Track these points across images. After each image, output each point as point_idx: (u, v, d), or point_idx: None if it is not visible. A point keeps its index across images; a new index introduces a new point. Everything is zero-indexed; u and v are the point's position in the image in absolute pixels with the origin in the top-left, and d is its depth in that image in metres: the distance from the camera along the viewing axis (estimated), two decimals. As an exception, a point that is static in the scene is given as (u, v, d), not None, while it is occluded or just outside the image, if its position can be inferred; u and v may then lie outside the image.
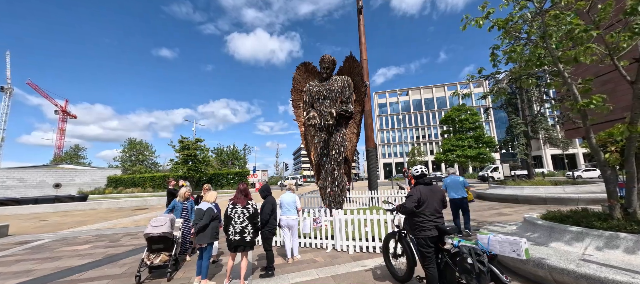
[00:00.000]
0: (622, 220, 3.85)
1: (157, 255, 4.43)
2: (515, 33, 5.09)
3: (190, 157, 22.25)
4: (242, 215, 4.03)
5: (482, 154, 18.97)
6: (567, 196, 10.08)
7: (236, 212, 4.05)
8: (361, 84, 9.00)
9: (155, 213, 13.82)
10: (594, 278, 2.92)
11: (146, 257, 4.42)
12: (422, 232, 3.19)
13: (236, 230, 3.97)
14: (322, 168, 9.00)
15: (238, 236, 3.95)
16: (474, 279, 2.60)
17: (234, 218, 4.02)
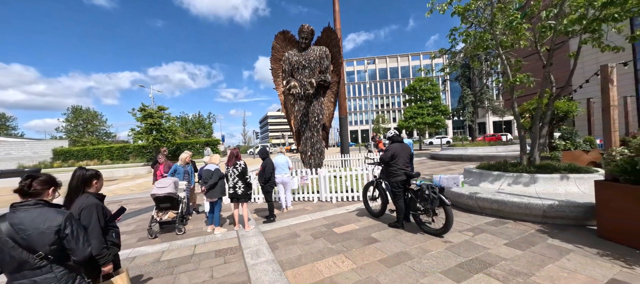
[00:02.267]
0: (526, 166, 5.47)
1: (165, 213, 4.99)
2: (471, 20, 6.14)
3: (154, 126, 21.05)
4: (234, 173, 4.81)
5: (438, 121, 21.56)
6: (498, 154, 12.55)
7: (229, 171, 4.83)
8: (338, 55, 9.61)
9: (129, 183, 13.56)
10: (501, 201, 4.41)
11: (155, 214, 4.96)
12: (395, 177, 4.32)
13: (230, 186, 4.82)
14: (302, 134, 9.80)
15: (232, 190, 4.80)
16: (429, 203, 3.82)
17: (228, 176, 4.84)
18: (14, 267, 1.55)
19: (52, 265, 1.62)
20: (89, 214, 2.03)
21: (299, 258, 3.57)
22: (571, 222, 3.95)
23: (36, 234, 1.57)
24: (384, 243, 3.81)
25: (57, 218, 1.63)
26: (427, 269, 3.00)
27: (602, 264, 2.81)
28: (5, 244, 1.52)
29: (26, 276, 1.56)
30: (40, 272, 1.58)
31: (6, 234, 1.52)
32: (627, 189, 3.17)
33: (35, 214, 1.61)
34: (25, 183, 1.68)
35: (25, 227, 1.56)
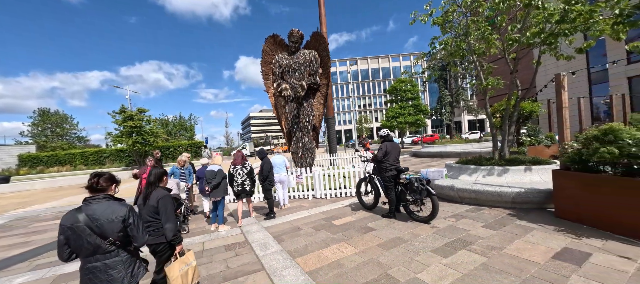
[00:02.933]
0: (498, 160, 6.20)
1: None
2: (448, 30, 6.81)
3: (135, 128, 20.32)
4: (242, 172, 5.27)
5: (419, 120, 22.74)
6: (474, 150, 13.60)
7: (237, 170, 5.26)
8: (327, 59, 10.04)
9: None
10: (478, 191, 5.05)
11: None
12: (387, 173, 4.81)
13: (238, 183, 5.24)
14: (294, 135, 10.13)
15: (240, 187, 5.24)
16: (418, 194, 4.34)
17: (236, 175, 5.25)
18: (90, 251, 1.84)
19: (119, 250, 1.92)
20: (165, 203, 2.46)
21: (305, 247, 3.94)
22: (535, 206, 4.64)
23: (107, 223, 1.86)
24: (379, 231, 4.27)
25: (122, 209, 1.93)
26: (419, 249, 3.49)
27: (557, 237, 3.45)
28: (84, 232, 1.81)
29: (98, 259, 1.86)
30: (109, 256, 1.88)
31: (84, 223, 1.82)
32: (576, 176, 3.86)
33: (105, 206, 1.90)
34: (93, 181, 1.96)
35: (98, 217, 1.85)
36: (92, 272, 1.84)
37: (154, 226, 2.48)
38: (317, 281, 2.94)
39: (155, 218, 2.47)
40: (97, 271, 1.84)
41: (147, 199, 2.50)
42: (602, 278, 2.52)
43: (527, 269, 2.78)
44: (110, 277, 1.86)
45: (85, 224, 1.80)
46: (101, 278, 1.84)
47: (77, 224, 1.81)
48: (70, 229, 1.81)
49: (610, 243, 3.18)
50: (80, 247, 1.83)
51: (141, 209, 2.55)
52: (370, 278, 2.90)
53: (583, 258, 2.90)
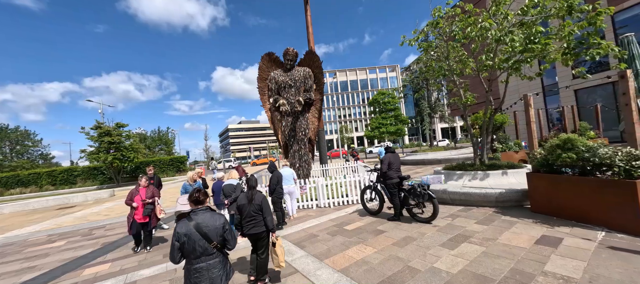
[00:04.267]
0: (479, 165, 7.13)
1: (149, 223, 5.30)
2: (431, 52, 7.80)
3: (114, 144, 19.36)
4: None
5: (400, 130, 24.17)
6: (452, 157, 14.89)
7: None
8: (320, 76, 10.71)
9: (97, 208, 12.45)
10: (467, 193, 5.85)
11: None
12: (391, 180, 5.44)
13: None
14: (290, 147, 10.54)
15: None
16: (420, 197, 5.01)
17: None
18: (198, 254, 2.24)
19: (218, 252, 2.30)
20: (266, 202, 3.39)
21: (328, 250, 4.38)
22: (514, 204, 5.51)
23: (212, 230, 2.28)
24: (390, 232, 4.84)
25: (221, 218, 2.35)
26: (429, 245, 4.10)
27: (536, 228, 4.25)
28: (195, 237, 2.22)
29: (203, 260, 2.26)
30: (211, 257, 2.29)
31: (195, 229, 2.21)
32: (545, 177, 4.76)
33: (208, 216, 2.34)
34: (197, 195, 2.37)
35: (206, 224, 2.27)
36: (198, 271, 2.22)
37: (257, 220, 3.33)
38: (350, 277, 3.41)
39: (258, 213, 3.32)
40: (202, 270, 2.22)
41: (253, 200, 3.36)
42: (572, 256, 3.28)
43: (518, 253, 3.48)
44: (212, 275, 2.25)
45: (196, 230, 2.21)
46: (205, 276, 2.22)
47: (190, 231, 2.21)
48: (185, 235, 2.20)
49: (576, 229, 4.03)
50: (192, 250, 2.21)
51: (245, 208, 3.35)
52: (396, 270, 3.43)
53: (557, 242, 3.68)
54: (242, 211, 3.42)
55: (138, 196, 5.13)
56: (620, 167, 3.64)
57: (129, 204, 5.04)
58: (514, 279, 2.92)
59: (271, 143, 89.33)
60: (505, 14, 5.62)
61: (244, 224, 3.40)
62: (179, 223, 2.26)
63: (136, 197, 5.09)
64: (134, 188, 5.18)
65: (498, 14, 5.80)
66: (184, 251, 2.21)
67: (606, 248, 3.38)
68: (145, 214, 5.03)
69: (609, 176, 3.87)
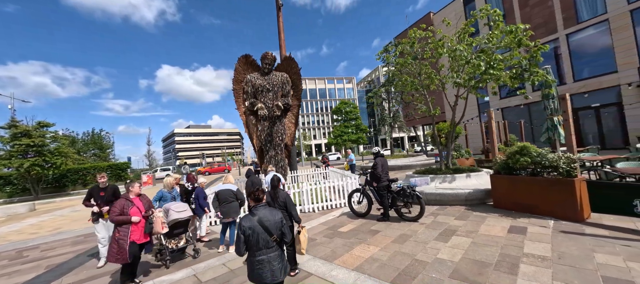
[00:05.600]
0: (445, 169, 8.11)
1: (179, 239, 4.78)
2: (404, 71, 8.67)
3: (34, 148, 15.87)
4: None
5: (360, 138, 25.58)
6: (411, 163, 16.41)
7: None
8: (299, 82, 10.80)
9: (15, 225, 10.00)
10: (441, 194, 6.60)
11: (168, 243, 4.64)
12: (381, 183, 5.83)
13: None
14: (266, 153, 10.29)
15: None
16: (409, 198, 5.49)
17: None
18: (261, 246, 2.38)
19: (277, 246, 2.47)
20: (289, 198, 3.61)
21: (333, 251, 4.47)
22: (479, 201, 6.44)
23: (272, 224, 2.44)
24: (385, 231, 5.17)
25: (279, 214, 2.50)
26: (424, 240, 4.54)
27: (503, 220, 5.08)
28: (258, 230, 2.38)
29: (264, 253, 2.39)
30: (271, 250, 2.42)
31: (258, 224, 2.40)
32: (505, 178, 5.73)
33: (267, 212, 2.51)
34: (257, 193, 2.51)
35: (267, 219, 2.44)
36: (261, 263, 2.36)
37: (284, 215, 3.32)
38: (367, 273, 3.57)
39: (283, 210, 3.49)
40: (264, 262, 2.36)
41: (277, 198, 3.55)
42: (539, 240, 4.05)
43: (499, 241, 4.13)
44: (273, 267, 2.37)
45: (259, 224, 2.39)
46: (267, 268, 2.36)
47: (254, 224, 2.38)
48: (250, 228, 2.36)
49: (532, 219, 4.96)
50: (256, 243, 2.36)
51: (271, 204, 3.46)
52: (406, 263, 3.72)
53: (524, 230, 4.48)
54: None
55: (134, 208, 3.94)
56: (563, 168, 4.67)
57: (121, 221, 3.74)
58: (505, 262, 3.48)
59: (227, 150, 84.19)
60: (470, 42, 6.68)
61: None
62: (244, 218, 2.40)
63: (133, 210, 3.89)
64: (121, 199, 3.94)
65: (464, 41, 6.84)
66: (248, 243, 2.37)
67: (559, 232, 4.27)
68: (147, 232, 4.01)
69: (555, 176, 4.90)
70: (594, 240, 3.86)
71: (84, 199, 4.91)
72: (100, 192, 4.87)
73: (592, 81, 15.12)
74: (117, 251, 3.62)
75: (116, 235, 3.69)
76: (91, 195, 4.88)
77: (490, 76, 6.76)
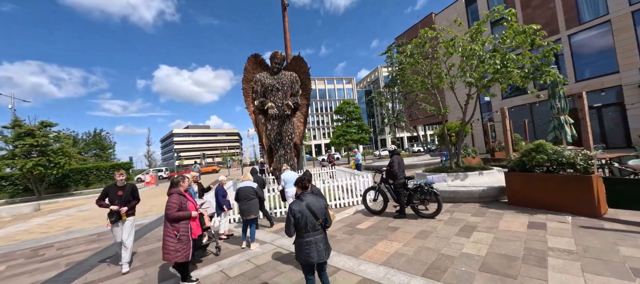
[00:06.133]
0: (455, 168, 8.19)
1: (201, 236, 4.81)
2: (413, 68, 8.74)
3: (37, 147, 15.76)
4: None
5: (363, 138, 25.65)
6: (415, 163, 16.51)
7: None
8: (307, 81, 10.85)
9: (22, 226, 9.95)
10: (455, 191, 6.67)
11: None
12: (398, 180, 5.89)
13: None
14: (276, 152, 10.33)
15: None
16: (426, 195, 5.55)
17: None
18: (309, 228, 2.67)
19: (321, 229, 2.76)
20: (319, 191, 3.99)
21: (356, 247, 4.52)
22: (492, 199, 6.52)
23: (318, 209, 2.74)
24: (404, 228, 5.23)
25: (323, 201, 2.87)
26: (446, 235, 4.60)
27: (521, 216, 5.16)
28: (307, 213, 2.67)
29: (311, 235, 2.67)
30: (317, 232, 2.71)
31: (306, 208, 2.69)
32: (520, 175, 5.81)
33: (313, 198, 2.81)
34: (304, 181, 2.94)
35: (314, 204, 2.74)
36: (309, 244, 2.63)
37: None
38: (396, 268, 3.62)
39: None
40: (311, 243, 2.63)
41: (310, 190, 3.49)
42: (560, 235, 4.13)
43: (521, 236, 4.21)
44: (319, 248, 2.65)
45: (307, 209, 2.67)
46: (313, 248, 2.63)
47: (303, 209, 2.66)
48: (299, 212, 2.64)
49: (549, 215, 5.04)
50: (304, 225, 2.65)
51: None
52: (433, 258, 3.78)
53: (543, 226, 4.56)
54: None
55: (190, 203, 3.80)
56: (581, 165, 4.76)
57: (181, 217, 3.57)
58: (532, 256, 3.55)
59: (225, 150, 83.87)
60: (483, 41, 6.77)
61: None
62: (294, 203, 2.70)
63: (190, 205, 3.75)
64: (175, 195, 3.69)
65: (477, 40, 6.93)
66: (298, 226, 2.64)
67: (578, 227, 4.36)
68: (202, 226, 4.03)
69: (570, 172, 4.99)
70: (615, 234, 3.95)
71: (98, 199, 4.49)
72: (118, 191, 4.51)
73: (594, 81, 15.32)
74: (176, 247, 3.46)
75: (174, 232, 3.50)
76: (107, 194, 4.49)
77: (501, 76, 6.85)
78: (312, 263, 2.65)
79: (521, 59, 6.86)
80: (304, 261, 2.65)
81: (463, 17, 22.49)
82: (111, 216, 4.46)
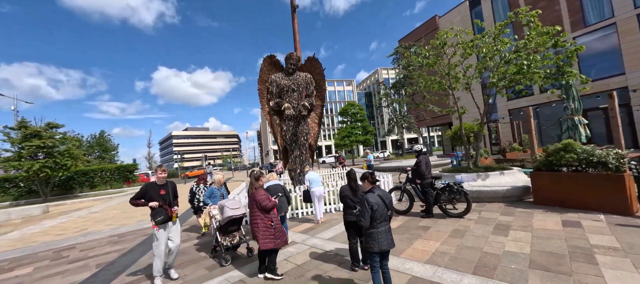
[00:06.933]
0: (473, 168, 8.23)
1: (233, 236, 4.80)
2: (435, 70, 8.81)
3: (44, 149, 15.63)
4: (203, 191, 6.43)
5: (368, 140, 25.74)
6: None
7: (199, 189, 6.61)
8: (322, 82, 10.88)
9: (33, 228, 9.84)
10: (479, 191, 6.71)
11: (223, 240, 4.68)
12: (426, 180, 5.92)
13: (200, 200, 6.37)
14: (291, 153, 10.33)
15: (202, 204, 6.21)
16: (457, 194, 5.58)
17: (198, 192, 6.55)
18: (382, 219, 2.89)
19: (389, 220, 2.98)
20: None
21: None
22: (516, 198, 6.56)
23: (388, 201, 3.00)
24: (435, 227, 5.25)
25: (390, 195, 3.12)
26: (482, 234, 4.62)
27: (552, 215, 5.20)
28: (381, 205, 2.89)
29: (383, 224, 2.90)
30: (387, 223, 2.94)
31: (381, 199, 2.92)
32: (547, 174, 5.86)
33: (383, 192, 3.03)
34: (373, 176, 3.17)
35: (386, 196, 3.00)
36: (383, 233, 2.87)
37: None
38: (443, 266, 3.63)
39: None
40: (384, 233, 2.87)
41: (357, 192, 3.70)
42: (599, 232, 4.17)
43: (560, 235, 4.24)
44: (389, 237, 2.91)
45: (381, 200, 2.91)
46: (384, 237, 2.87)
47: (378, 200, 2.88)
48: (376, 204, 2.85)
49: (580, 214, 5.08)
50: (379, 216, 2.86)
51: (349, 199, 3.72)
52: (478, 256, 3.80)
53: (578, 224, 4.60)
54: (346, 202, 3.78)
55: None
56: (613, 164, 4.82)
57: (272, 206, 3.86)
58: (578, 253, 3.58)
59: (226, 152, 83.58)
60: (506, 42, 6.85)
61: (348, 214, 3.74)
62: (369, 196, 2.91)
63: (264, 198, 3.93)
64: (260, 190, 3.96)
65: (499, 41, 7.00)
66: (374, 216, 2.83)
67: (614, 225, 4.40)
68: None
69: (601, 171, 5.05)
70: (654, 232, 3.99)
71: (134, 198, 4.05)
72: (161, 190, 4.03)
73: (600, 82, 15.51)
74: (275, 234, 3.75)
75: (269, 222, 3.78)
76: (145, 193, 4.00)
77: (523, 76, 6.92)
78: (384, 251, 2.88)
79: (543, 60, 6.93)
80: (378, 249, 2.84)
81: (467, 20, 22.71)
82: (158, 216, 3.92)
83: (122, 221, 9.51)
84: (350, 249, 3.84)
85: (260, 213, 3.80)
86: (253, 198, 3.85)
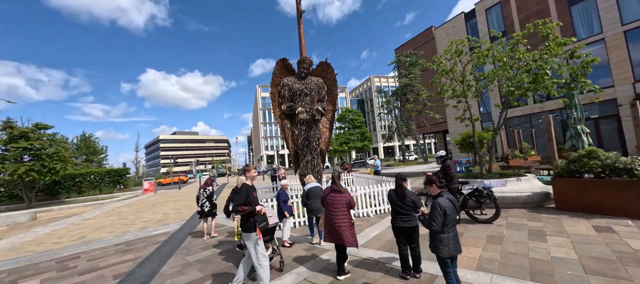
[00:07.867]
0: (488, 174, 8.35)
1: (267, 247, 4.52)
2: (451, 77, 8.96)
3: (31, 151, 14.67)
4: (203, 195, 6.76)
5: (366, 146, 25.86)
6: (422, 170, 16.74)
7: (200, 193, 6.82)
8: (334, 87, 10.84)
9: (26, 236, 9.11)
10: (500, 197, 6.78)
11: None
12: (454, 184, 5.92)
13: (201, 203, 6.71)
14: (303, 158, 10.15)
15: (201, 207, 6.68)
16: (486, 198, 5.59)
17: (201, 197, 6.77)
18: (452, 223, 2.85)
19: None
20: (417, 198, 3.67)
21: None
22: (537, 204, 6.67)
23: (457, 205, 2.95)
24: (468, 233, 5.21)
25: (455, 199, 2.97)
26: (520, 240, 4.62)
27: (580, 221, 5.28)
28: (451, 209, 2.84)
29: (453, 229, 2.87)
30: (455, 228, 2.91)
31: (451, 204, 2.86)
32: (568, 181, 5.99)
33: (450, 195, 2.96)
34: (441, 180, 3.06)
35: (454, 200, 2.94)
36: (453, 238, 2.82)
37: (410, 215, 3.60)
38: (495, 273, 3.57)
39: (412, 208, 3.56)
40: (454, 237, 2.83)
41: (405, 196, 3.61)
42: (632, 236, 4.25)
43: (597, 240, 4.29)
44: (457, 241, 2.86)
45: (452, 204, 2.87)
46: (454, 242, 2.82)
47: (449, 205, 2.83)
48: (448, 208, 2.80)
49: (607, 219, 5.20)
50: (452, 220, 2.83)
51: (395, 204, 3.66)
52: (526, 261, 3.77)
53: (610, 229, 4.69)
54: (394, 208, 3.73)
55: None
56: (639, 171, 4.97)
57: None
58: (627, 258, 3.62)
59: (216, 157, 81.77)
60: (523, 52, 7.06)
61: (396, 218, 3.69)
62: (440, 199, 2.84)
63: None
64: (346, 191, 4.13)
65: (516, 51, 7.21)
66: (446, 220, 2.76)
67: (646, 230, 4.51)
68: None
69: (625, 177, 5.20)
70: (689, 237, 4.11)
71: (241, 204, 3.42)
72: (254, 192, 3.63)
73: (590, 94, 16.31)
74: (353, 233, 3.90)
75: (351, 221, 3.95)
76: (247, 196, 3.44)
77: (537, 84, 7.13)
78: (454, 256, 2.82)
79: (559, 70, 7.17)
80: (448, 254, 2.77)
81: (462, 31, 23.52)
82: (262, 221, 3.51)
83: (123, 228, 8.97)
84: (401, 256, 3.72)
85: (349, 210, 4.01)
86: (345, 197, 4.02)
